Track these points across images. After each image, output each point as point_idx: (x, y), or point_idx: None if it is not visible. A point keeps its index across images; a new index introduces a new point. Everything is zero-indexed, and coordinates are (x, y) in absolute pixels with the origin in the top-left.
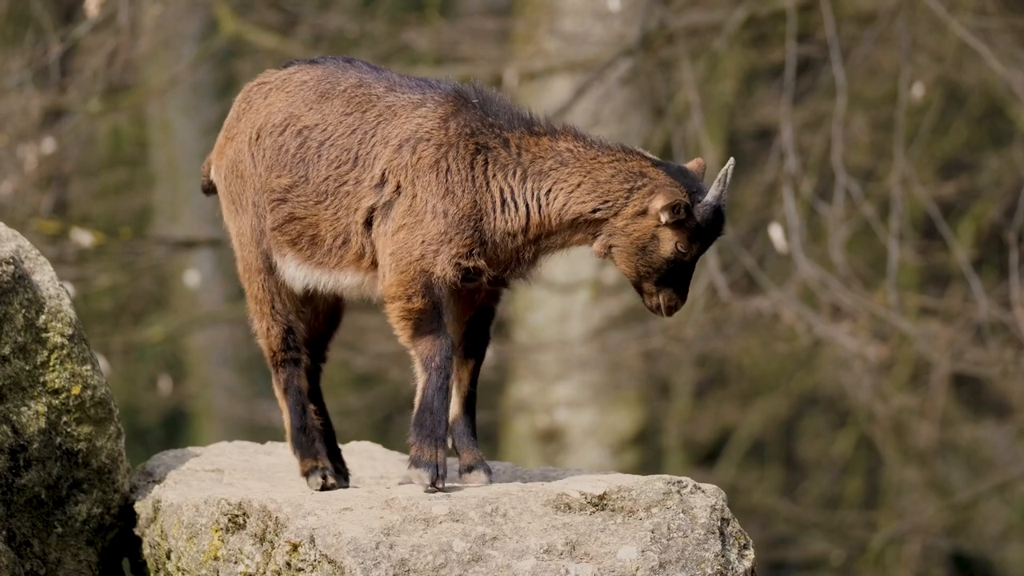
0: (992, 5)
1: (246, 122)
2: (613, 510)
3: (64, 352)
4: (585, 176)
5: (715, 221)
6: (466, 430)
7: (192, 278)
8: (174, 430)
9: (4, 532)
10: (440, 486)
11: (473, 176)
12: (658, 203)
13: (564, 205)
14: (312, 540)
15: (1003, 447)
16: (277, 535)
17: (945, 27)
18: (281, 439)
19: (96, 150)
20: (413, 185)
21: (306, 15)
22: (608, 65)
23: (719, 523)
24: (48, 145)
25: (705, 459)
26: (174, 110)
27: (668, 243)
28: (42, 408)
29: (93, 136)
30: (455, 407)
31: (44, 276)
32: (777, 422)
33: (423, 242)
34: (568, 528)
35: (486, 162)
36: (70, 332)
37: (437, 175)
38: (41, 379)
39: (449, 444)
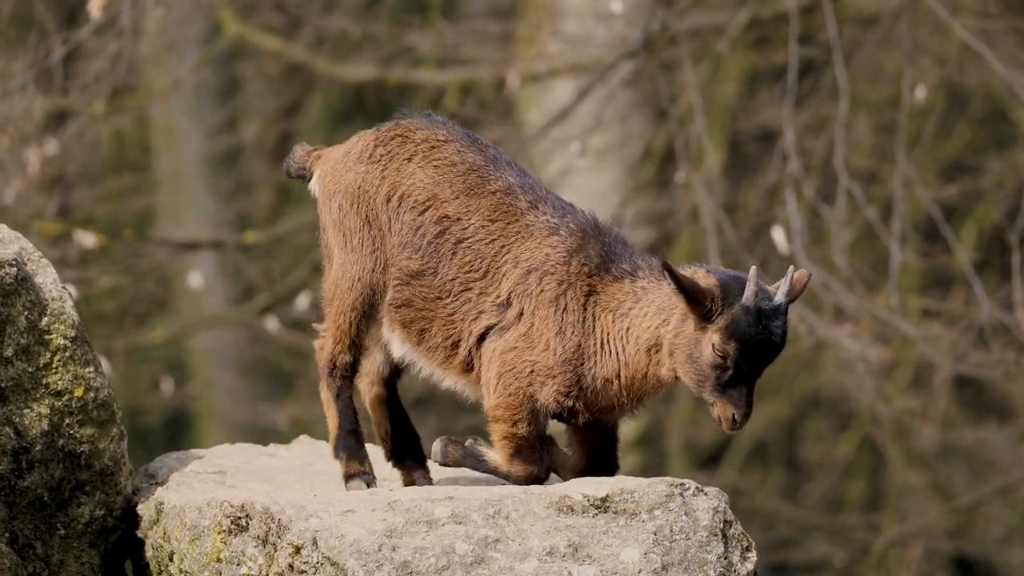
0: (994, 7)
1: (378, 173)
2: (616, 512)
3: (67, 354)
4: (650, 304)
5: (754, 323)
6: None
7: (195, 280)
8: (176, 432)
9: (7, 534)
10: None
11: (584, 318)
12: None
13: (638, 337)
14: (315, 542)
15: (1005, 449)
16: (280, 537)
17: (947, 29)
18: (282, 441)
19: (100, 153)
20: (533, 315)
21: (309, 17)
22: (610, 67)
23: (721, 525)
24: (51, 147)
25: (707, 462)
26: (177, 113)
27: (707, 344)
28: (44, 410)
29: (97, 139)
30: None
31: (47, 278)
32: (779, 424)
33: (531, 371)
34: (571, 530)
35: (595, 304)
36: (72, 334)
37: (555, 311)
38: (44, 381)
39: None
